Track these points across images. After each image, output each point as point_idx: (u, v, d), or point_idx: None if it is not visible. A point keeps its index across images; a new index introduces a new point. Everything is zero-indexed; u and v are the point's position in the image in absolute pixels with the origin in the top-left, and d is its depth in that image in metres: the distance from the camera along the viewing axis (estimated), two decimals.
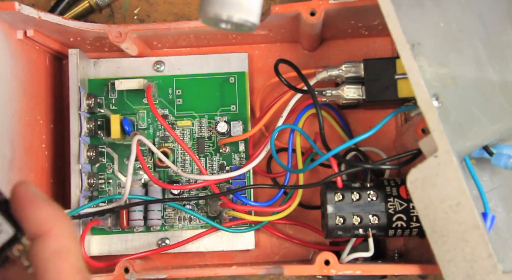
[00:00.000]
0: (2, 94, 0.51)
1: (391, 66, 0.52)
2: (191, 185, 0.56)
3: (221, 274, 0.52)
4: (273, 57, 0.60)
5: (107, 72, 0.59)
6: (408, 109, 0.51)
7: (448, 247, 0.42)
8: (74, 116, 0.56)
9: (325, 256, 0.49)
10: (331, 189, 0.51)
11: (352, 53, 0.60)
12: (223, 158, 0.59)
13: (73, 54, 0.57)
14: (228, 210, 0.56)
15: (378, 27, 0.57)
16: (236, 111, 0.59)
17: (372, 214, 0.51)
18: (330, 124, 0.59)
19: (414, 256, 0.57)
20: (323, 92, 0.54)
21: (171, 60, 0.60)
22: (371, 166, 0.50)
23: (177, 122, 0.59)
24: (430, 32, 0.43)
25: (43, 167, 0.57)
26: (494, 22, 0.47)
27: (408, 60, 0.41)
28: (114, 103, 0.59)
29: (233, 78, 0.59)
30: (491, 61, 0.45)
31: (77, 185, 0.55)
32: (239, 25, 0.37)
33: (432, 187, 0.42)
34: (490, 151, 0.45)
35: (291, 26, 0.55)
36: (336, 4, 0.51)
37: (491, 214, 0.43)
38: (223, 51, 0.60)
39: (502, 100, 0.45)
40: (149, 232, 0.58)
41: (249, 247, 0.58)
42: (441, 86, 0.42)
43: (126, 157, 0.58)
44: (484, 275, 0.41)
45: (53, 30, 0.55)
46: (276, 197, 0.56)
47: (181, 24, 0.54)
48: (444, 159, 0.41)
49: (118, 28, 0.54)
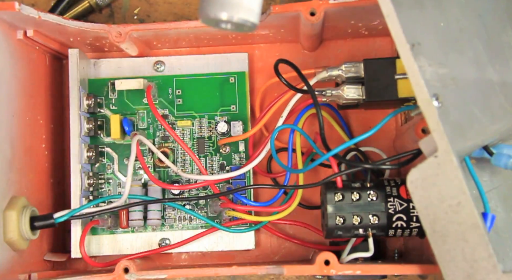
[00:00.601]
0: (2, 94, 0.51)
1: (391, 66, 0.52)
2: (191, 185, 0.56)
3: (221, 274, 0.51)
4: (273, 57, 0.60)
5: (107, 72, 0.59)
6: (408, 109, 0.51)
7: (448, 247, 0.42)
8: (74, 116, 0.56)
9: (325, 256, 0.49)
10: (331, 189, 0.51)
11: (352, 53, 0.60)
12: (223, 158, 0.59)
13: (73, 54, 0.57)
14: (228, 210, 0.56)
15: (378, 27, 0.57)
16: (236, 111, 0.59)
17: (372, 214, 0.51)
18: (330, 124, 0.59)
19: (414, 256, 0.57)
20: (323, 92, 0.54)
21: (171, 60, 0.60)
22: (371, 166, 0.50)
23: (177, 122, 0.59)
24: (430, 32, 0.43)
25: (43, 167, 0.57)
26: (494, 22, 0.47)
27: (408, 60, 0.41)
28: (114, 103, 0.59)
29: (233, 78, 0.59)
30: (491, 61, 0.45)
31: (77, 185, 0.55)
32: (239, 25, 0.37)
33: (432, 187, 0.42)
34: (490, 151, 0.45)
35: (291, 26, 0.55)
36: (336, 4, 0.51)
37: (491, 214, 0.43)
38: (223, 51, 0.60)
39: (502, 100, 0.45)
40: (149, 232, 0.58)
41: (249, 247, 0.58)
42: (441, 86, 0.42)
43: (126, 157, 0.58)
44: (484, 275, 0.41)
45: (53, 30, 0.55)
46: (276, 197, 0.56)
47: (181, 24, 0.54)
48: (444, 159, 0.41)
49: (118, 28, 0.54)
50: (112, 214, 0.57)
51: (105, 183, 0.58)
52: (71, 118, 0.56)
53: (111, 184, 0.59)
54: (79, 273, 0.54)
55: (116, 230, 0.58)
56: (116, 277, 0.50)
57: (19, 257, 0.51)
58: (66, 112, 0.58)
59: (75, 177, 0.56)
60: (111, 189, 0.58)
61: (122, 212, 0.56)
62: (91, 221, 0.55)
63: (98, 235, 0.58)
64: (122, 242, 0.58)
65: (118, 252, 0.58)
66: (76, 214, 0.52)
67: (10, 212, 0.49)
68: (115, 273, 0.50)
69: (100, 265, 0.55)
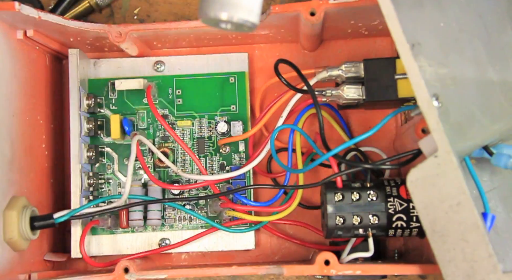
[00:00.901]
0: (2, 94, 0.51)
1: (391, 66, 0.52)
2: (191, 185, 0.56)
3: (221, 274, 0.51)
4: (273, 57, 0.60)
5: (107, 72, 0.59)
6: (408, 109, 0.51)
7: (448, 247, 0.42)
8: (74, 116, 0.56)
9: (325, 256, 0.49)
10: (331, 189, 0.51)
11: (352, 53, 0.60)
12: (223, 158, 0.59)
13: (73, 54, 0.57)
14: (228, 210, 0.56)
15: (378, 27, 0.57)
16: (236, 111, 0.59)
17: (372, 214, 0.51)
18: (330, 124, 0.59)
19: (414, 256, 0.57)
20: (323, 92, 0.54)
21: (171, 60, 0.60)
22: (371, 166, 0.50)
23: (177, 122, 0.59)
24: (430, 32, 0.43)
25: (43, 167, 0.57)
26: (494, 22, 0.47)
27: (408, 60, 0.41)
28: (114, 103, 0.59)
29: (233, 78, 0.59)
30: (491, 61, 0.45)
31: (77, 185, 0.55)
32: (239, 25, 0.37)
33: (432, 187, 0.42)
34: (490, 151, 0.45)
35: (291, 26, 0.55)
36: (336, 4, 0.51)
37: (491, 214, 0.43)
38: (223, 51, 0.60)
39: (502, 100, 0.45)
40: (149, 232, 0.58)
41: (249, 247, 0.58)
42: (441, 86, 0.42)
43: (126, 157, 0.58)
44: (484, 275, 0.41)
45: (53, 30, 0.55)
46: (276, 197, 0.56)
47: (181, 24, 0.54)
48: (444, 159, 0.41)
49: (118, 28, 0.54)
50: (112, 214, 0.57)
51: (105, 183, 0.58)
52: (71, 118, 0.56)
53: (111, 184, 0.59)
54: (79, 273, 0.54)
55: (116, 230, 0.58)
56: (116, 277, 0.50)
57: (19, 257, 0.51)
58: (66, 112, 0.58)
59: (75, 177, 0.56)
60: (111, 189, 0.58)
61: (122, 212, 0.56)
62: (91, 221, 0.55)
63: (98, 235, 0.58)
64: (122, 242, 0.58)
65: (118, 252, 0.58)
66: (76, 214, 0.52)
67: (10, 212, 0.49)
68: (115, 273, 0.50)
69: (100, 265, 0.55)
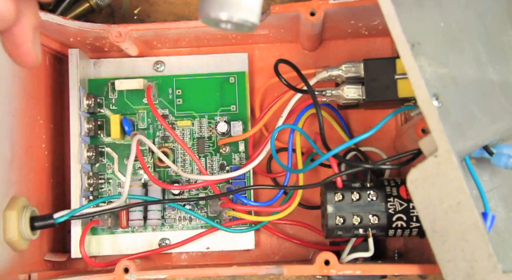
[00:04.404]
0: (2, 94, 0.51)
1: (391, 66, 0.52)
2: (191, 185, 0.56)
3: (221, 274, 0.51)
4: (273, 57, 0.60)
5: (107, 72, 0.59)
6: (408, 109, 0.51)
7: (448, 247, 0.42)
8: (74, 116, 0.56)
9: (325, 256, 0.49)
10: (331, 189, 0.51)
11: (352, 53, 0.60)
12: (223, 158, 0.59)
13: (73, 54, 0.57)
14: (228, 210, 0.56)
15: (378, 27, 0.57)
16: (236, 111, 0.59)
17: (372, 214, 0.51)
18: (330, 124, 0.59)
19: (414, 256, 0.57)
20: (323, 92, 0.54)
21: (171, 60, 0.60)
22: (371, 166, 0.50)
23: (177, 122, 0.59)
24: (430, 32, 0.43)
25: (43, 167, 0.57)
26: (494, 22, 0.47)
27: (408, 60, 0.41)
28: (114, 103, 0.59)
29: (233, 78, 0.59)
30: (491, 61, 0.45)
31: (77, 185, 0.55)
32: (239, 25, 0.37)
33: (432, 187, 0.42)
34: (490, 151, 0.45)
35: (291, 26, 0.55)
36: (336, 4, 0.51)
37: (491, 214, 0.43)
38: (223, 51, 0.60)
39: (502, 100, 0.45)
40: (149, 232, 0.58)
41: (249, 247, 0.58)
42: (441, 86, 0.42)
43: (126, 157, 0.58)
44: (484, 275, 0.41)
45: (53, 30, 0.55)
46: (276, 197, 0.56)
47: (181, 24, 0.54)
48: (444, 159, 0.41)
49: (118, 28, 0.54)
50: (112, 214, 0.56)
51: (105, 183, 0.58)
52: (71, 118, 0.56)
53: (111, 184, 0.59)
54: (79, 273, 0.54)
55: (116, 230, 0.58)
56: (116, 277, 0.50)
57: (19, 257, 0.51)
58: (66, 112, 0.58)
59: (75, 177, 0.56)
60: (111, 189, 0.58)
61: (122, 212, 0.56)
62: (91, 221, 0.55)
63: (98, 235, 0.58)
64: (122, 242, 0.58)
65: (118, 252, 0.58)
66: (76, 214, 0.52)
67: (10, 212, 0.49)
68: (115, 273, 0.50)
69: (100, 265, 0.55)
